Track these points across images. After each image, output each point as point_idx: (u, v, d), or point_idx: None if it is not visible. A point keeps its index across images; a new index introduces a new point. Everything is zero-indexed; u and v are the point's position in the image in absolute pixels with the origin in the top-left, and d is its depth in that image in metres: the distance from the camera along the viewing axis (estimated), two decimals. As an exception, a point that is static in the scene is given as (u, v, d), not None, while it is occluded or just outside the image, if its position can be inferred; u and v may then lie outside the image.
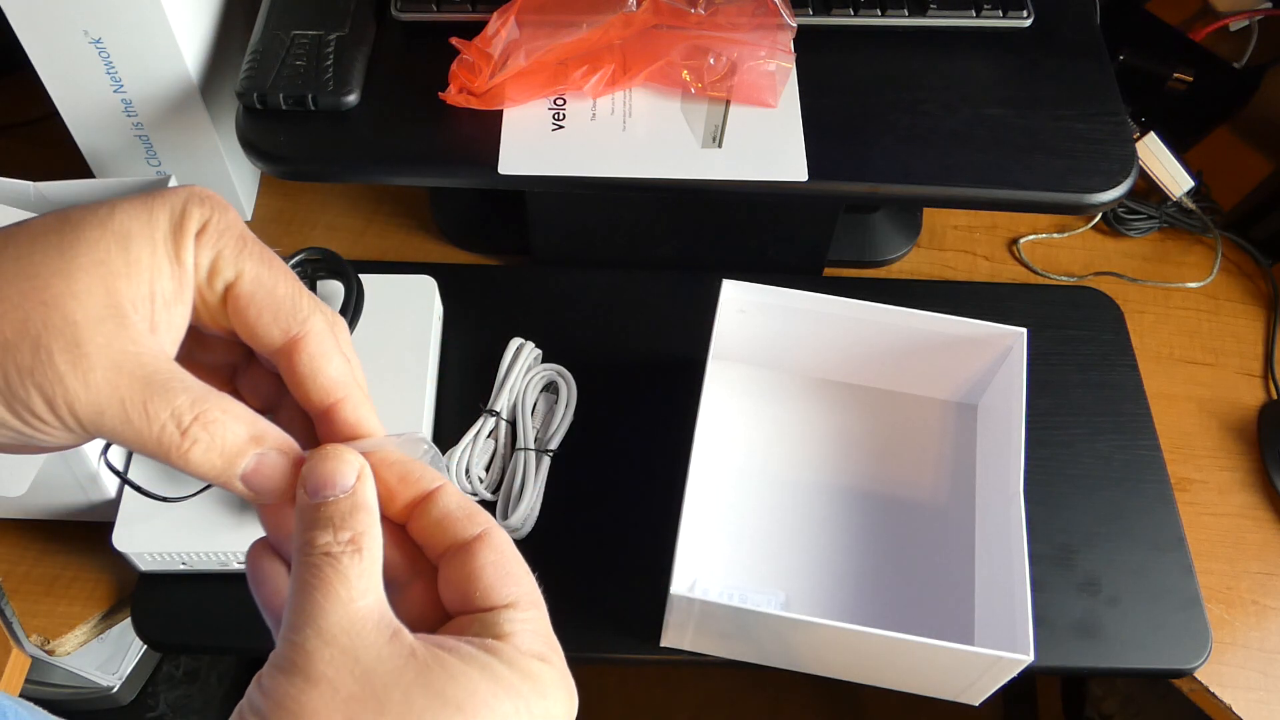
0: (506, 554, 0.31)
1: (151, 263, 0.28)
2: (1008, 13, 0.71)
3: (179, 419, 0.28)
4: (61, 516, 0.65)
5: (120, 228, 0.28)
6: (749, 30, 0.67)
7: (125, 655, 0.89)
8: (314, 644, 0.27)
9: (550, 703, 0.29)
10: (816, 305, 0.66)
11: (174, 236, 0.29)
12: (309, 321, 0.31)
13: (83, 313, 0.27)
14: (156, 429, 0.28)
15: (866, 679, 0.61)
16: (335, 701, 0.26)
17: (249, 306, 0.30)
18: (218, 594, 0.62)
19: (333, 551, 0.28)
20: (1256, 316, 0.79)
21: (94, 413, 0.28)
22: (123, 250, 0.28)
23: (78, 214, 0.28)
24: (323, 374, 0.31)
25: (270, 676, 0.27)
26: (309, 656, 0.27)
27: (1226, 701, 0.62)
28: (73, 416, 0.28)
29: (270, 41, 0.67)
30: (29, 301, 0.27)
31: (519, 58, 0.65)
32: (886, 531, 0.66)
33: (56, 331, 0.27)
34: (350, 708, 0.26)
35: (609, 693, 1.20)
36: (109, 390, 0.27)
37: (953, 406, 0.71)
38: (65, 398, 0.27)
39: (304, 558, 0.28)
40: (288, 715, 0.26)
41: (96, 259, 0.28)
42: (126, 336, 0.28)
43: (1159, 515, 0.67)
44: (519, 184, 0.65)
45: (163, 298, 0.29)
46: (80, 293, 0.27)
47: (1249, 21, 0.85)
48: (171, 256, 0.29)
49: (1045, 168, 0.65)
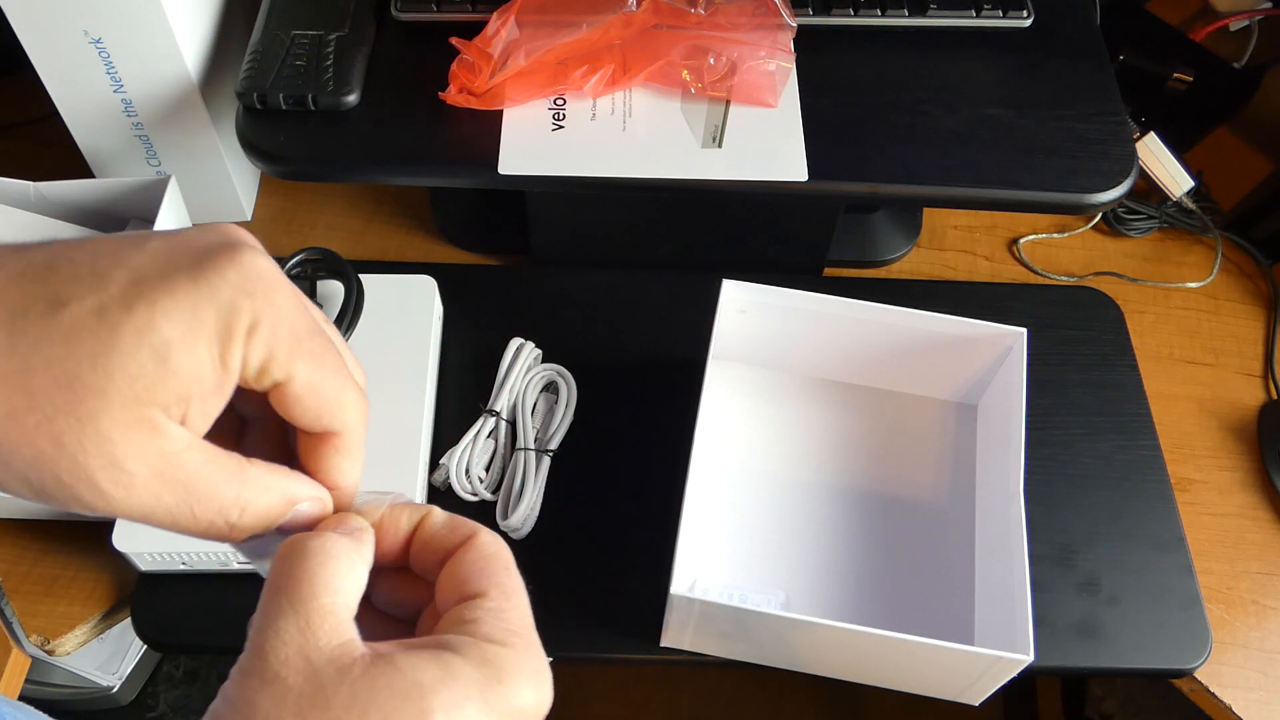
0: (486, 553, 0.31)
1: (193, 370, 0.27)
2: (1008, 13, 0.71)
3: (225, 517, 0.29)
4: (61, 516, 0.65)
5: (159, 340, 0.26)
6: (749, 30, 0.67)
7: (125, 655, 0.89)
8: (271, 644, 0.27)
9: (508, 689, 0.28)
10: (816, 305, 0.66)
11: (221, 341, 0.28)
12: (349, 419, 0.31)
13: (119, 430, 0.27)
14: (204, 527, 0.29)
15: (866, 679, 0.61)
16: (287, 701, 0.26)
17: (295, 405, 0.30)
18: (218, 594, 0.62)
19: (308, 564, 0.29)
20: (1256, 316, 0.79)
21: (141, 515, 0.28)
22: (160, 364, 0.27)
23: (115, 312, 0.26)
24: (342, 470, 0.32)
25: (232, 679, 0.28)
26: (265, 657, 0.27)
27: (1226, 701, 0.62)
28: (119, 515, 0.28)
29: (270, 41, 0.67)
30: (63, 416, 0.26)
31: (519, 58, 0.65)
32: (886, 531, 0.66)
33: (94, 450, 0.26)
34: (300, 705, 0.26)
35: (609, 693, 1.20)
36: (152, 499, 0.28)
37: (953, 406, 0.71)
38: (108, 507, 0.27)
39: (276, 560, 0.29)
40: (242, 716, 0.26)
41: (131, 374, 0.26)
42: (163, 441, 0.27)
43: (1159, 515, 0.67)
44: (519, 184, 0.65)
45: (200, 395, 0.28)
46: (114, 407, 0.26)
47: (1249, 21, 0.85)
48: (216, 362, 0.28)
49: (1045, 168, 0.65)
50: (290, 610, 0.28)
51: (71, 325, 0.26)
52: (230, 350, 0.28)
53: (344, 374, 0.31)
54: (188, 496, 0.28)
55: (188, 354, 0.27)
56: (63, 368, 0.26)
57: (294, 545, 0.29)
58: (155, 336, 0.26)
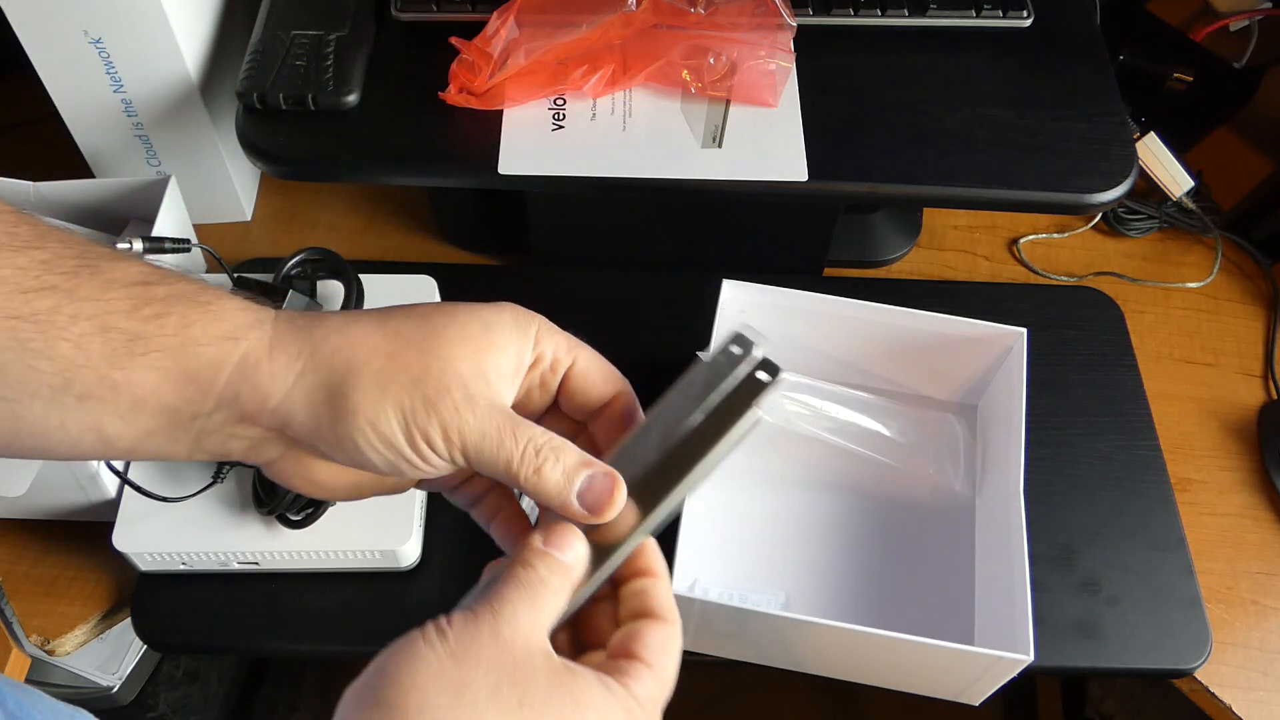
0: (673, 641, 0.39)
1: (504, 346, 0.39)
2: (1008, 13, 0.71)
3: (536, 444, 0.37)
4: (61, 516, 0.65)
5: (487, 317, 0.39)
6: (749, 30, 0.67)
7: (125, 655, 0.89)
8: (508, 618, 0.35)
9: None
10: (816, 305, 0.66)
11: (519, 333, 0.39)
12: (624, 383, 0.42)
13: (466, 371, 0.37)
14: (521, 447, 0.37)
15: (866, 679, 0.61)
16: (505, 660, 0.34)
17: (585, 378, 0.41)
18: (218, 594, 0.62)
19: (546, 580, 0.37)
20: (1256, 316, 0.79)
21: (477, 437, 0.37)
22: (486, 334, 0.38)
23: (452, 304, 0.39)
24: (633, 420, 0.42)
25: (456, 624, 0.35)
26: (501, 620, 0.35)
27: (1226, 701, 0.62)
28: (460, 440, 0.37)
29: (270, 41, 0.67)
30: (431, 356, 0.37)
31: (519, 57, 0.65)
32: (886, 531, 0.66)
33: (453, 381, 0.37)
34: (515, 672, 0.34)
35: (609, 693, 1.20)
36: (488, 422, 0.37)
37: (953, 406, 0.71)
38: (459, 426, 0.37)
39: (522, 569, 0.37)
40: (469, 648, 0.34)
41: (470, 336, 0.38)
42: (492, 391, 0.38)
43: (1159, 515, 0.67)
44: (519, 184, 0.65)
45: (509, 373, 0.39)
46: (462, 357, 0.37)
47: (1249, 21, 0.85)
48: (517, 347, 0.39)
49: (1045, 168, 0.65)
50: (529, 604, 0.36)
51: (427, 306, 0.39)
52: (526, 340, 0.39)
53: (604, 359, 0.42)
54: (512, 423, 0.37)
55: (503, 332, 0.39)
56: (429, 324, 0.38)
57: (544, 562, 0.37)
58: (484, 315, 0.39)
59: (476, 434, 0.37)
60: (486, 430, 0.37)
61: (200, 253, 0.70)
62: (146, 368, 0.36)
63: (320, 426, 0.37)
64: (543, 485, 0.37)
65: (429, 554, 0.63)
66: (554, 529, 0.38)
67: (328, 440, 0.37)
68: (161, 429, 0.37)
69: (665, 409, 0.40)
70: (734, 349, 0.41)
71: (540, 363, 0.40)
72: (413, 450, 0.37)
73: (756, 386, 0.39)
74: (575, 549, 0.38)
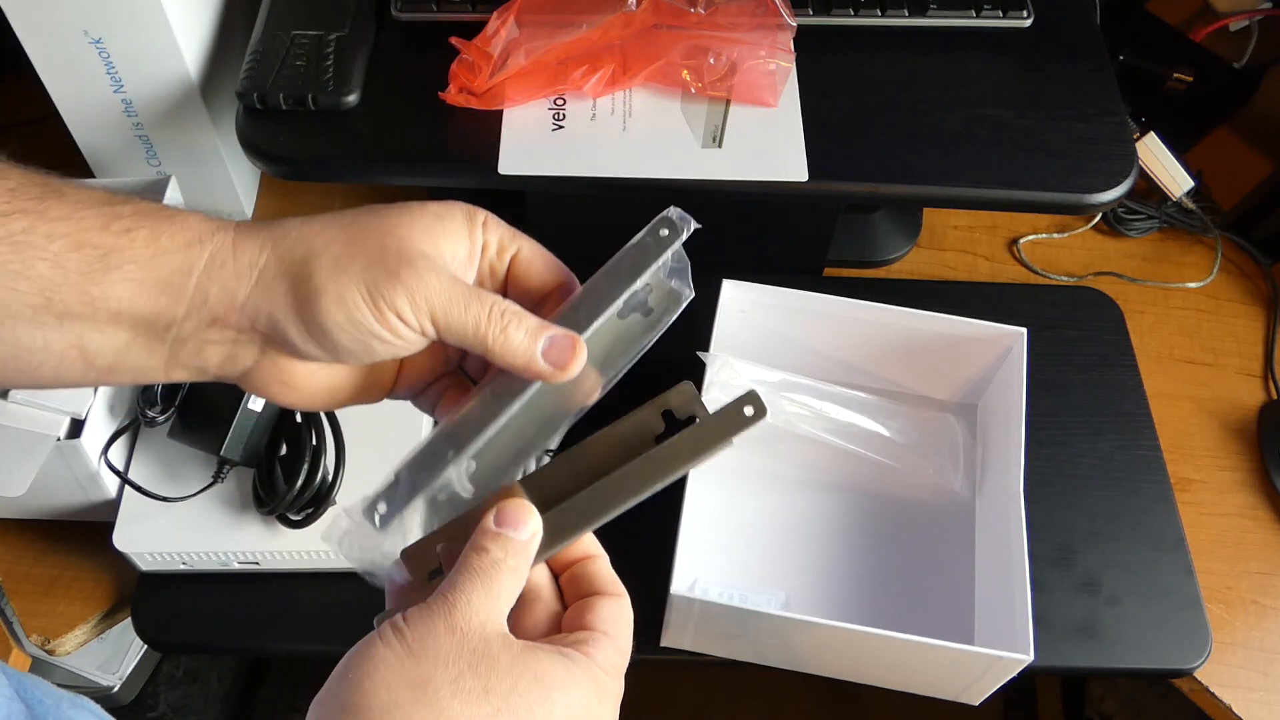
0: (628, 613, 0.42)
1: (456, 233, 0.39)
2: (1008, 13, 0.71)
3: (500, 307, 0.38)
4: (61, 516, 0.65)
5: (435, 209, 0.39)
6: (749, 30, 0.67)
7: (125, 655, 0.89)
8: (463, 608, 0.35)
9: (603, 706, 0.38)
10: (816, 305, 0.66)
11: (469, 222, 0.40)
12: (567, 273, 0.44)
13: (425, 248, 0.38)
14: (487, 309, 0.38)
15: (866, 679, 0.61)
16: (464, 650, 0.35)
17: (532, 264, 0.42)
18: (218, 594, 0.62)
19: (500, 564, 0.37)
20: (1256, 316, 0.79)
21: (445, 300, 0.37)
22: (438, 221, 0.39)
23: (403, 203, 0.40)
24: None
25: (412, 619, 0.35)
26: (456, 611, 0.35)
27: (1226, 701, 0.62)
28: (428, 305, 0.37)
29: (270, 41, 0.67)
30: (387, 236, 0.38)
31: (519, 57, 0.65)
32: (886, 531, 0.66)
33: (413, 253, 0.37)
34: (474, 657, 0.35)
35: (609, 693, 1.20)
36: (454, 286, 0.37)
37: (953, 406, 0.71)
38: (425, 292, 0.37)
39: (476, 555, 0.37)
40: (425, 643, 0.34)
41: (423, 223, 0.39)
42: (450, 268, 0.39)
43: (1159, 515, 0.67)
44: (519, 184, 0.65)
45: (463, 258, 0.40)
46: (418, 239, 0.38)
47: (1249, 21, 0.85)
48: (468, 234, 0.40)
49: (1045, 168, 0.65)
50: (484, 591, 0.36)
51: (377, 206, 0.40)
52: (474, 229, 0.40)
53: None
54: (474, 289, 0.38)
55: (452, 222, 0.40)
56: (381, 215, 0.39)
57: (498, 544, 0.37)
58: (432, 208, 0.39)
59: (444, 297, 0.37)
60: (453, 294, 0.37)
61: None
62: (121, 279, 0.37)
63: (288, 314, 0.37)
64: (509, 344, 0.38)
65: (429, 554, 0.63)
66: (505, 507, 0.38)
67: (297, 328, 0.37)
68: (139, 340, 0.38)
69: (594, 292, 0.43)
70: (663, 231, 0.45)
71: (488, 249, 0.41)
72: (380, 323, 0.37)
73: (740, 421, 0.40)
74: (529, 524, 0.38)
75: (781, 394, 0.68)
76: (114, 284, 0.36)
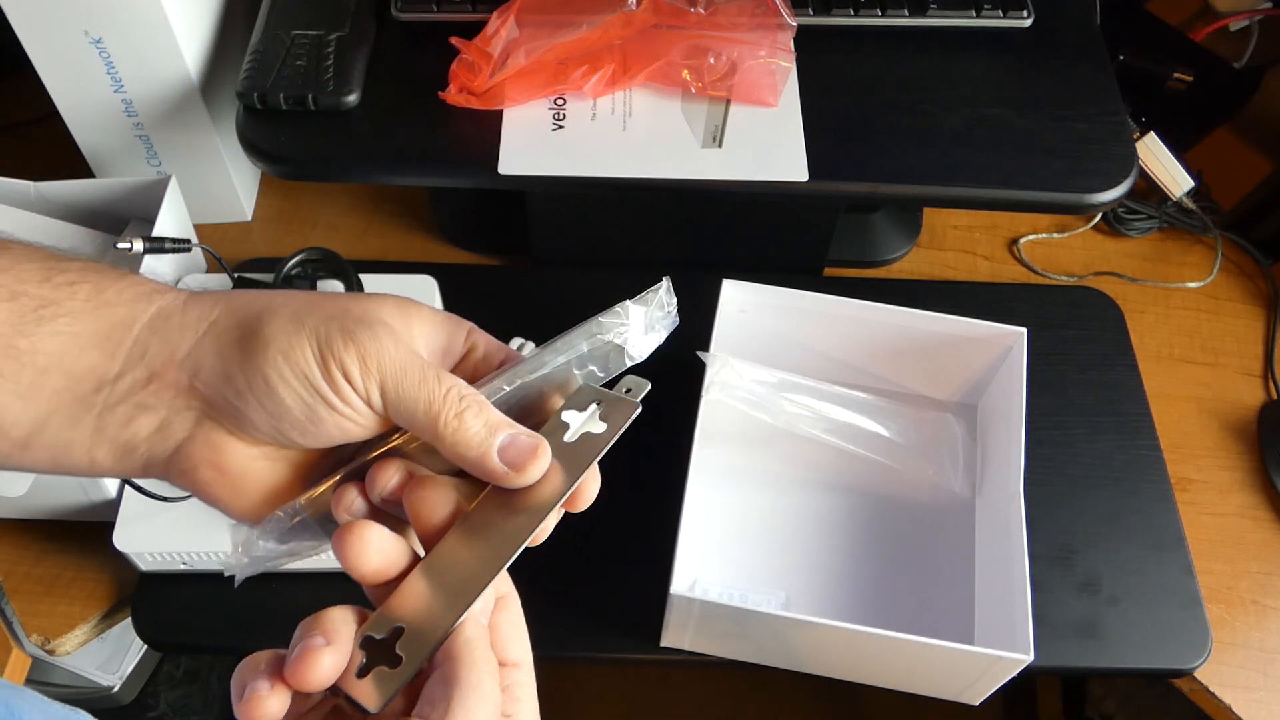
0: (520, 618, 0.36)
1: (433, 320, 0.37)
2: (1008, 13, 0.71)
3: (460, 391, 0.34)
4: (61, 516, 0.65)
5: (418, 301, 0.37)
6: (749, 30, 0.67)
7: (125, 655, 0.89)
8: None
9: None
10: (816, 305, 0.66)
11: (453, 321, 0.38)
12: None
13: (390, 321, 0.35)
14: (444, 390, 0.34)
15: (866, 679, 0.61)
16: None
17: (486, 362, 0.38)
18: (218, 594, 0.62)
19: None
20: (1256, 316, 0.79)
21: (398, 369, 0.34)
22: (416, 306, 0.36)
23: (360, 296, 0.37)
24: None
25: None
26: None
27: (1226, 701, 0.62)
28: (378, 371, 0.33)
29: (270, 41, 0.67)
30: (354, 303, 0.35)
31: (519, 57, 0.65)
32: (886, 531, 0.66)
33: (375, 320, 0.34)
34: None
35: (609, 693, 1.20)
36: (411, 357, 0.34)
37: (953, 406, 0.71)
38: (379, 355, 0.33)
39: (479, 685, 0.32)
40: None
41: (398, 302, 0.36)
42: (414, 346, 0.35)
43: (1159, 515, 0.67)
44: (519, 184, 0.65)
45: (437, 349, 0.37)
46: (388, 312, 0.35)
47: (1249, 21, 0.85)
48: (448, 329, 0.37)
49: (1045, 168, 0.65)
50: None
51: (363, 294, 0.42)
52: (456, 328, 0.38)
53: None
54: (434, 367, 0.35)
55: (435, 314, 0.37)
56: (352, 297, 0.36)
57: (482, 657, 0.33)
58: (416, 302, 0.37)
59: (397, 365, 0.34)
60: (408, 364, 0.34)
61: (200, 253, 0.70)
62: (54, 333, 0.33)
63: (230, 369, 0.34)
64: (463, 431, 0.34)
65: (429, 554, 0.63)
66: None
67: (238, 384, 0.34)
68: (64, 408, 0.34)
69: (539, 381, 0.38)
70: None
71: (474, 353, 0.38)
72: (326, 379, 0.33)
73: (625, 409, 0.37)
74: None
75: (781, 394, 0.68)
76: (45, 337, 0.33)
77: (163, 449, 0.35)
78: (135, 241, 0.65)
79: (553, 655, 0.64)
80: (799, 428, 0.67)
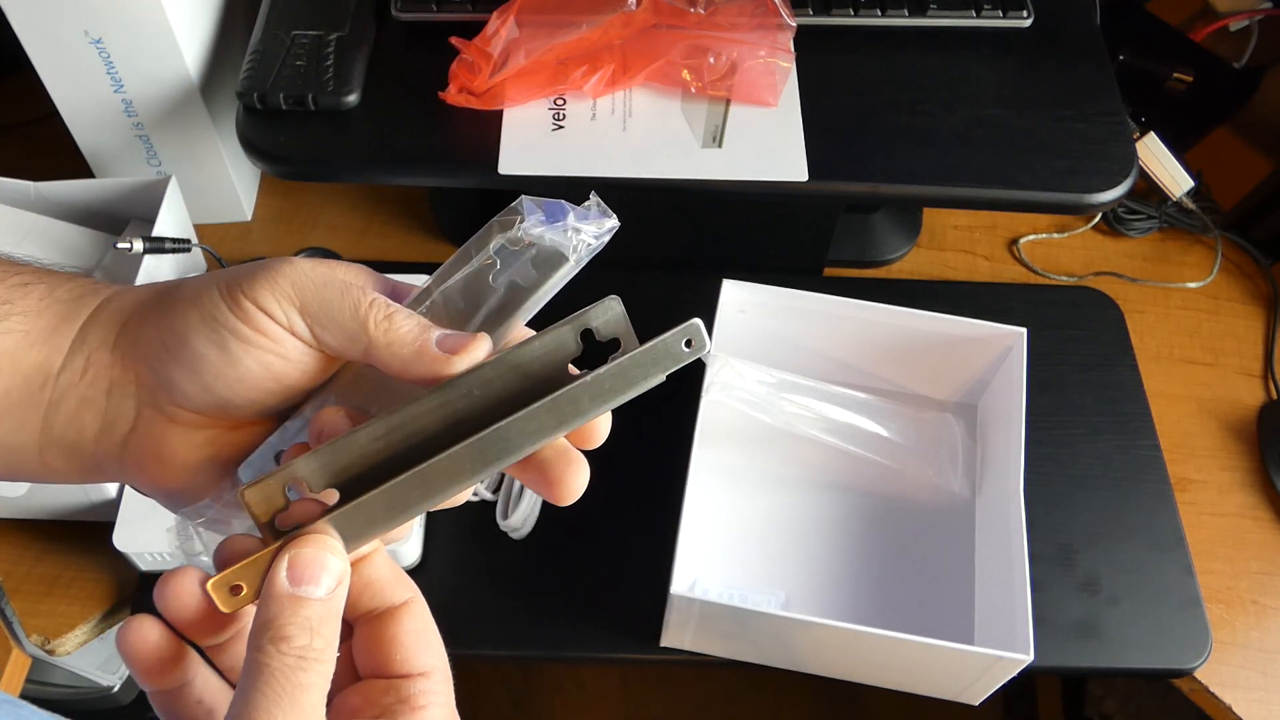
0: (427, 624, 0.32)
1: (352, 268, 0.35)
2: (1008, 13, 0.71)
3: (384, 300, 0.33)
4: (61, 516, 0.65)
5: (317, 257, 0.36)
6: (749, 30, 0.67)
7: (125, 655, 0.89)
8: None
9: None
10: (816, 305, 0.66)
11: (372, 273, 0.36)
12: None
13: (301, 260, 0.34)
14: (369, 298, 0.33)
15: (866, 679, 0.61)
16: None
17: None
18: (218, 594, 0.62)
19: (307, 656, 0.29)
20: (1256, 316, 0.79)
21: (317, 285, 0.33)
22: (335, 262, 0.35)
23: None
24: None
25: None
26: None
27: (1226, 701, 0.62)
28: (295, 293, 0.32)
29: (270, 41, 0.67)
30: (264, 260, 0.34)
31: (519, 57, 0.65)
32: (886, 531, 0.66)
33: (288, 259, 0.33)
34: None
35: (609, 693, 1.20)
36: (327, 275, 0.33)
37: (953, 406, 0.71)
38: (292, 278, 0.33)
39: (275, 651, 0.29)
40: None
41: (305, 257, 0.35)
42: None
43: (1159, 515, 0.67)
44: (519, 184, 0.65)
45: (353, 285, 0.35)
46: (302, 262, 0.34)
47: (1249, 21, 0.85)
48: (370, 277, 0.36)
49: (1045, 168, 0.65)
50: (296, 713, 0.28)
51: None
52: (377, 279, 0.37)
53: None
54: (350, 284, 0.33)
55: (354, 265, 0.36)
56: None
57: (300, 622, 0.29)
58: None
59: (315, 282, 0.33)
60: (328, 280, 0.33)
61: (201, 253, 0.70)
62: (6, 331, 0.33)
63: (149, 335, 0.33)
64: (395, 330, 0.32)
65: (429, 554, 0.63)
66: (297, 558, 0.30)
67: (156, 349, 0.33)
68: (13, 409, 0.33)
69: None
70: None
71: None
72: (237, 314, 0.32)
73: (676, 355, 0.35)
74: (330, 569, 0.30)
75: (781, 394, 0.68)
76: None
77: (110, 446, 0.34)
78: (135, 241, 0.65)
79: (553, 655, 0.64)
80: (799, 428, 0.67)
